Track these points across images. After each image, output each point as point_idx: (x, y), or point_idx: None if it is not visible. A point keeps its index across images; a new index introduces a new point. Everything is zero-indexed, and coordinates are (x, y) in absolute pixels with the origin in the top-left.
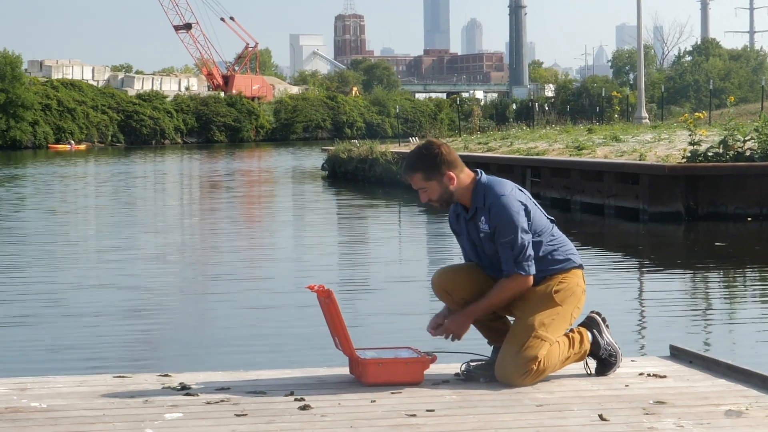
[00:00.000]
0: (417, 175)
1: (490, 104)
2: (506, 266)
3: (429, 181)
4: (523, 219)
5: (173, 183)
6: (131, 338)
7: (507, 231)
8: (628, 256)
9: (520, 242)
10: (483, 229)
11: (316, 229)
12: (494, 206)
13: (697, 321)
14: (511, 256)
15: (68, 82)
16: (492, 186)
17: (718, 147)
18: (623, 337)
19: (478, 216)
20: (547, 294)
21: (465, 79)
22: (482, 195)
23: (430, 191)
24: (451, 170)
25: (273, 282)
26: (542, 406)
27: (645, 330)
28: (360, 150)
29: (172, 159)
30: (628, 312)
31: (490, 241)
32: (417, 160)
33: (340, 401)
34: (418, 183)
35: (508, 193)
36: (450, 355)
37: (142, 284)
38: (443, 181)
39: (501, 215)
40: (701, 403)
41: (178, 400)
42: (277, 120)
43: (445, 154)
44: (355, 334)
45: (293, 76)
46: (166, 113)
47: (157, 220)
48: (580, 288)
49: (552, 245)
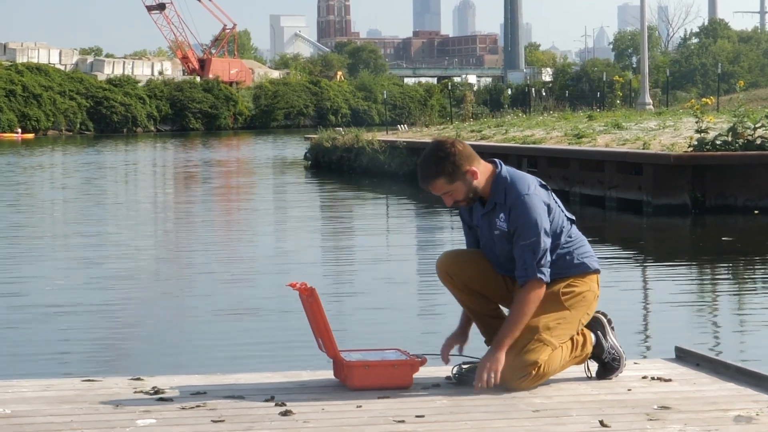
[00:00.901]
0: (439, 181)
1: (483, 89)
2: (524, 271)
3: (453, 183)
4: (546, 220)
5: (145, 174)
6: (101, 339)
7: (529, 233)
8: (631, 252)
9: (543, 246)
10: (500, 227)
11: (298, 223)
12: (516, 205)
13: (705, 321)
14: (532, 259)
15: (34, 66)
16: (514, 182)
17: (727, 135)
18: (625, 338)
19: (497, 212)
20: (555, 296)
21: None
22: (503, 190)
23: (455, 193)
24: (472, 166)
25: (252, 279)
26: (539, 411)
27: (648, 330)
28: (345, 138)
29: (144, 148)
30: (630, 311)
31: (505, 240)
32: (436, 165)
33: (324, 407)
34: (441, 188)
35: (531, 192)
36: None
37: (113, 283)
38: (467, 179)
39: (523, 216)
40: (709, 408)
41: (151, 406)
42: (256, 106)
43: (462, 150)
44: (340, 335)
45: (274, 59)
46: (138, 99)
47: (127, 214)
48: (593, 293)
49: (567, 248)
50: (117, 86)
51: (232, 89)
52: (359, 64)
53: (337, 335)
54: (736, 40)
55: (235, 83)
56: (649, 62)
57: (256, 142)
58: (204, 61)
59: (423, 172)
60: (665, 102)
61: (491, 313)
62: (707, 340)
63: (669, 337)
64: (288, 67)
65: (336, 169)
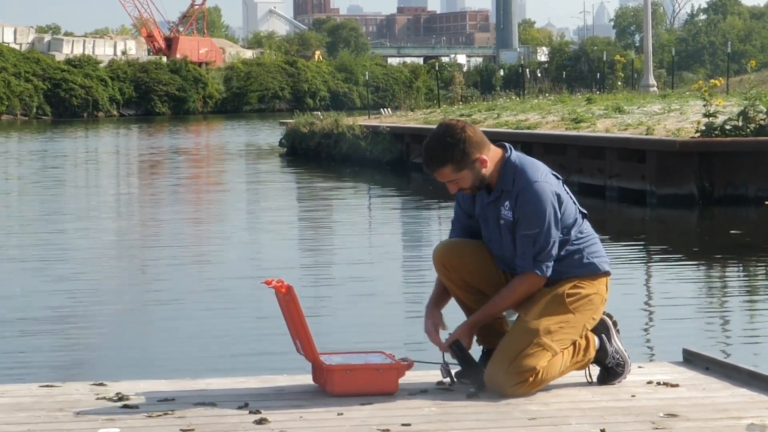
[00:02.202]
0: (446, 169)
1: (473, 70)
2: (522, 261)
3: (461, 171)
4: (553, 212)
5: (106, 164)
6: (60, 342)
7: (532, 223)
8: (633, 246)
9: (544, 238)
10: (505, 216)
11: (274, 216)
12: (523, 193)
13: (714, 322)
14: (531, 251)
15: None
16: (524, 168)
17: (737, 119)
18: (628, 340)
19: (502, 200)
20: (559, 298)
21: (445, 41)
22: (512, 177)
23: (461, 182)
24: (482, 153)
25: (224, 277)
26: (535, 419)
27: (654, 332)
28: (324, 123)
29: (106, 134)
30: (633, 311)
31: (510, 231)
32: (444, 151)
33: (302, 414)
34: (447, 176)
35: (541, 180)
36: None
37: (73, 282)
38: (475, 167)
39: (529, 204)
40: (719, 416)
41: (114, 413)
42: (227, 89)
43: (472, 136)
44: (319, 337)
45: (246, 38)
46: (100, 81)
47: (87, 209)
48: (600, 297)
49: (577, 244)
50: (76, 67)
51: (202, 70)
52: (339, 43)
53: (316, 337)
54: (747, 16)
55: (205, 64)
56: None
57: (228, 128)
58: (171, 40)
59: (429, 157)
60: (670, 84)
61: None
62: (717, 342)
63: (676, 338)
64: (262, 47)
65: (314, 156)
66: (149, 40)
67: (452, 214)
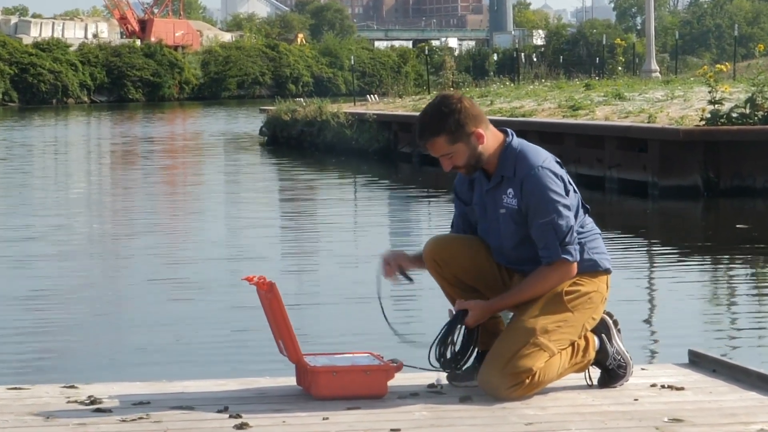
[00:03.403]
0: (439, 140)
1: (465, 54)
2: (546, 251)
3: (455, 144)
4: (562, 194)
5: (77, 153)
6: (29, 342)
7: (545, 210)
8: (634, 241)
9: (564, 221)
10: (507, 204)
11: (254, 209)
12: (528, 179)
13: (721, 321)
14: (554, 238)
15: None
16: (526, 154)
17: (745, 106)
18: (631, 341)
19: (504, 187)
20: (557, 295)
21: (435, 23)
22: (512, 163)
23: (455, 156)
24: (479, 128)
25: (202, 274)
26: (532, 424)
27: (657, 332)
28: (306, 110)
29: (76, 122)
30: (635, 309)
31: (513, 221)
32: (437, 121)
33: (285, 419)
34: (441, 149)
35: (546, 165)
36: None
37: (42, 279)
38: (471, 142)
39: (538, 190)
40: (727, 421)
41: (86, 418)
42: (205, 74)
43: (469, 108)
44: (304, 337)
45: (225, 20)
46: (70, 66)
47: (55, 202)
48: (600, 295)
49: (578, 239)
50: (45, 51)
51: (178, 54)
52: (323, 26)
53: (300, 336)
54: None
55: (181, 47)
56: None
57: (205, 115)
58: (145, 23)
59: (422, 127)
60: (674, 69)
61: None
62: (724, 342)
63: (681, 339)
64: (241, 29)
65: (296, 145)
66: (122, 23)
67: (441, 206)
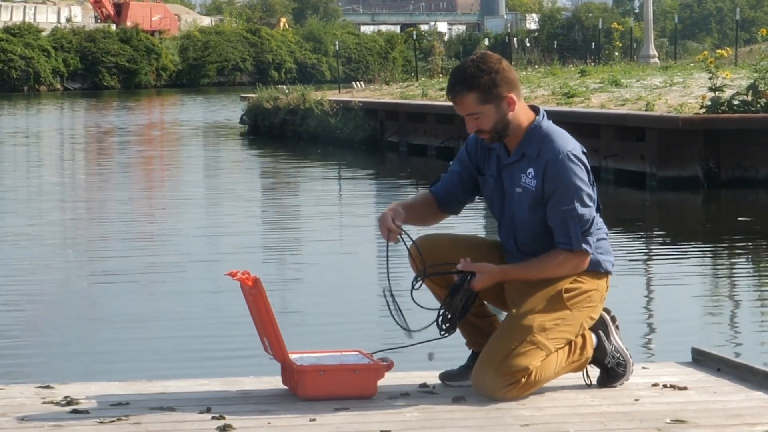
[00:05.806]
0: (470, 96)
1: (456, 39)
2: (566, 239)
3: (485, 104)
4: (588, 183)
5: (49, 143)
6: (2, 341)
7: (571, 197)
8: (632, 234)
9: (588, 211)
10: (525, 184)
11: (235, 202)
12: (554, 164)
13: (726, 318)
14: (577, 227)
15: None
16: (553, 137)
17: (746, 93)
18: (631, 339)
19: (523, 166)
20: (555, 291)
21: (424, 7)
22: (537, 143)
23: (482, 118)
24: (511, 93)
25: (182, 269)
26: (528, 426)
27: (659, 329)
28: (289, 98)
29: (48, 110)
30: (635, 306)
31: (528, 202)
32: (472, 77)
33: (270, 420)
34: (469, 107)
35: (574, 151)
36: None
37: (14, 277)
38: (502, 106)
39: (564, 176)
40: (732, 422)
41: (62, 419)
42: (183, 60)
43: (507, 71)
44: (290, 335)
45: (204, 4)
46: (42, 52)
47: (27, 196)
48: (600, 294)
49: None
50: (16, 36)
51: (155, 40)
52: (307, 10)
53: (286, 334)
54: None
55: (158, 32)
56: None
57: (183, 103)
58: (120, 6)
59: (454, 80)
60: (673, 54)
61: (475, 312)
62: (729, 340)
63: (683, 336)
64: (221, 13)
65: (278, 135)
66: (96, 6)
67: None
